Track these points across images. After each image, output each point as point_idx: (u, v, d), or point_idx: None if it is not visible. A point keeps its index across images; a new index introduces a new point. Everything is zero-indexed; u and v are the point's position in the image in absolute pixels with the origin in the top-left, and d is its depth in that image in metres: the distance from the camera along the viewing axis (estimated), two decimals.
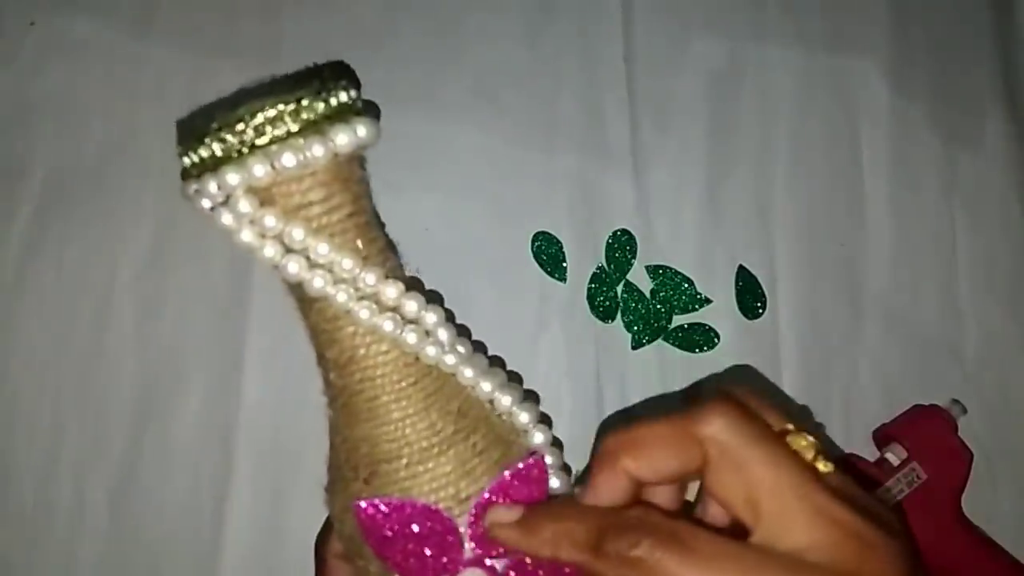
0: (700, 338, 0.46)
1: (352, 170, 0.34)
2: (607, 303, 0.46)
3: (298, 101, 0.31)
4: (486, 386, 0.35)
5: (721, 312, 0.46)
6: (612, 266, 0.46)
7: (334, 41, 0.47)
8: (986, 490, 0.45)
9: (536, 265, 0.46)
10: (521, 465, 0.34)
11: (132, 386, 0.43)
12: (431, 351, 0.33)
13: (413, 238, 0.45)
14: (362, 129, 0.33)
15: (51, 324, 0.43)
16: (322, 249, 0.32)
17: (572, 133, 0.48)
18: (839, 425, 0.46)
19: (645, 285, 0.46)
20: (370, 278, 0.33)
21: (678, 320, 0.46)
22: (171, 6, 0.47)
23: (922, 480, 0.42)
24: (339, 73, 0.39)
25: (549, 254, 0.46)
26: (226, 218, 0.32)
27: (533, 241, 0.46)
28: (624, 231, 0.47)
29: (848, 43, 0.50)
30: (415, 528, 0.33)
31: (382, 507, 0.33)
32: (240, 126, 0.31)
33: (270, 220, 0.32)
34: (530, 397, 0.38)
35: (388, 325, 0.33)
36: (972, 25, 0.52)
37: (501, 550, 0.33)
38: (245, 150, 0.31)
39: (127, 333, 0.43)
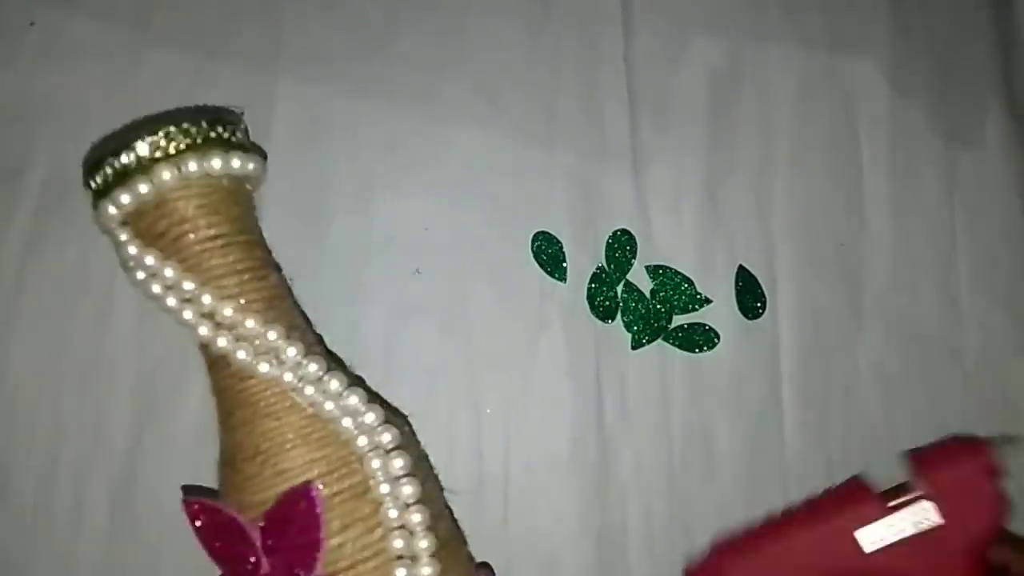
0: (700, 338, 0.46)
1: (210, 201, 0.37)
2: (607, 303, 0.46)
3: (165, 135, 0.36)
4: (327, 406, 0.36)
5: (721, 312, 0.46)
6: (612, 266, 0.46)
7: (334, 41, 0.47)
8: None
9: (536, 265, 0.46)
10: (291, 495, 0.35)
11: (132, 386, 0.43)
12: (263, 368, 0.36)
13: (413, 238, 0.45)
14: (217, 162, 0.37)
15: (51, 324, 0.43)
16: (167, 272, 0.36)
17: (572, 133, 0.48)
18: (839, 425, 0.45)
19: (645, 285, 0.46)
20: (207, 299, 0.36)
21: (678, 320, 0.46)
22: (171, 6, 0.47)
23: (934, 525, 0.37)
24: (216, 114, 0.41)
25: (549, 254, 0.46)
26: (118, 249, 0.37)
27: (533, 241, 0.46)
28: (624, 231, 0.47)
29: (848, 43, 0.50)
30: (223, 532, 0.35)
31: (200, 507, 0.36)
32: (107, 163, 0.37)
33: (131, 249, 0.37)
34: (389, 421, 0.37)
35: (221, 342, 0.36)
36: (972, 25, 0.52)
37: (296, 570, 0.34)
38: (110, 181, 0.36)
39: (127, 333, 0.43)
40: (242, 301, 0.36)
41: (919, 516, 0.37)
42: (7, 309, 0.43)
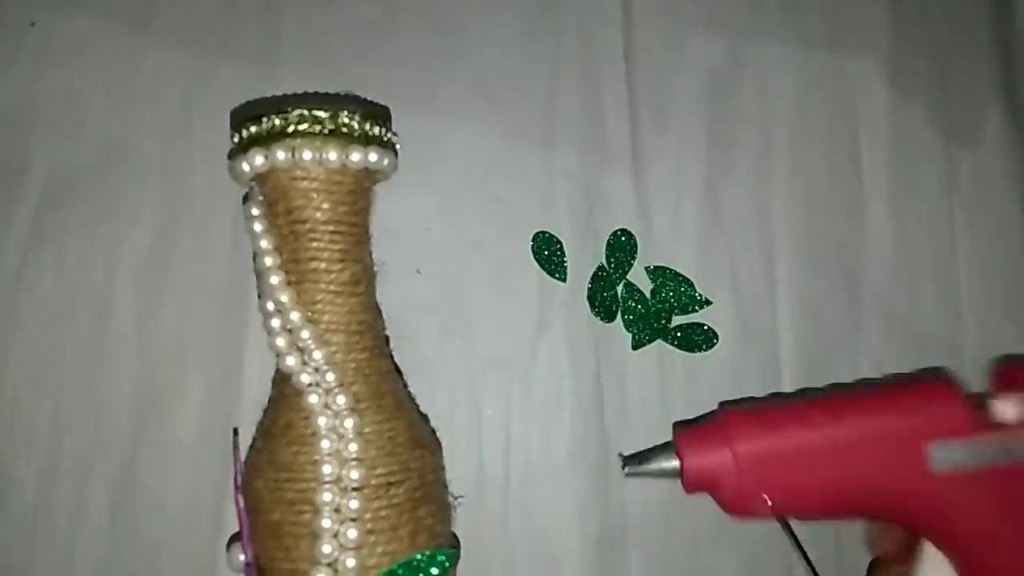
0: (700, 338, 0.46)
1: (312, 186, 0.37)
2: (607, 303, 0.46)
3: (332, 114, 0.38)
4: (320, 420, 0.36)
5: (721, 312, 0.46)
6: (612, 266, 0.46)
7: (334, 41, 0.47)
8: None
9: (536, 265, 0.46)
10: (236, 491, 0.38)
11: (132, 386, 0.43)
12: (289, 361, 0.37)
13: (413, 238, 0.45)
14: (333, 154, 0.37)
15: (51, 324, 0.43)
16: (267, 260, 0.38)
17: (572, 133, 0.48)
18: None
19: (645, 285, 0.46)
20: (274, 279, 0.37)
21: (678, 320, 0.46)
22: (171, 6, 0.47)
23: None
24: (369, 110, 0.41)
25: (549, 254, 0.46)
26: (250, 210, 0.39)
27: (533, 241, 0.46)
28: (624, 231, 0.47)
29: (848, 43, 0.50)
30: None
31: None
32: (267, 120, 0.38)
33: (256, 226, 0.38)
34: (368, 463, 0.36)
35: (273, 322, 0.37)
36: (972, 25, 0.52)
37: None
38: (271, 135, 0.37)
39: (127, 333, 0.43)
40: (297, 290, 0.37)
41: (1012, 448, 0.28)
42: (7, 309, 0.43)
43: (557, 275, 0.46)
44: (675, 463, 0.33)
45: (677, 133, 0.48)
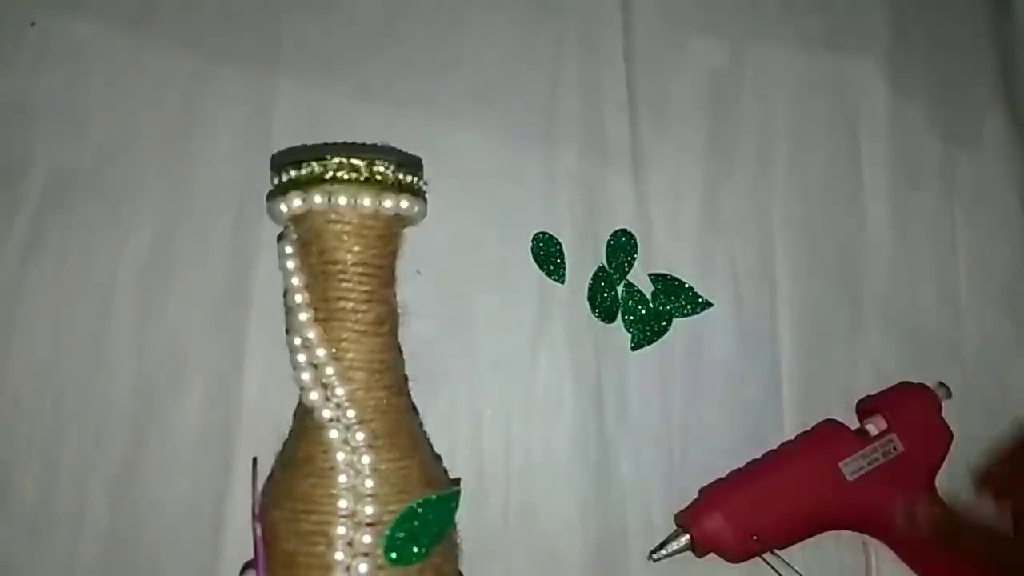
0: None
1: (343, 229, 0.39)
2: (607, 304, 0.46)
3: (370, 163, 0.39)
4: (338, 456, 0.37)
5: (721, 313, 0.46)
6: (612, 267, 0.46)
7: (334, 41, 0.47)
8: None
9: (536, 265, 0.46)
10: (255, 522, 0.38)
11: (132, 386, 0.43)
12: (312, 396, 0.38)
13: (413, 238, 0.45)
14: (367, 200, 0.38)
15: (51, 324, 0.43)
16: (297, 298, 0.39)
17: (572, 133, 0.48)
18: None
19: (646, 286, 0.46)
20: (303, 316, 0.39)
21: (678, 323, 0.46)
22: (171, 6, 0.47)
23: (898, 452, 0.43)
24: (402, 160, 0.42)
25: (549, 254, 0.46)
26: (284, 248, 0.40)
27: (533, 241, 0.46)
28: (624, 231, 0.47)
29: (848, 43, 0.50)
30: None
31: None
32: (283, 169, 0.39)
33: (289, 264, 0.40)
34: (383, 499, 0.37)
35: (300, 357, 0.38)
36: (972, 25, 0.52)
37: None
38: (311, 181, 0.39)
39: (127, 333, 0.43)
40: (324, 327, 0.38)
41: (887, 446, 0.43)
42: (7, 309, 0.43)
43: (557, 276, 0.46)
44: (686, 539, 0.42)
45: (677, 134, 0.48)
